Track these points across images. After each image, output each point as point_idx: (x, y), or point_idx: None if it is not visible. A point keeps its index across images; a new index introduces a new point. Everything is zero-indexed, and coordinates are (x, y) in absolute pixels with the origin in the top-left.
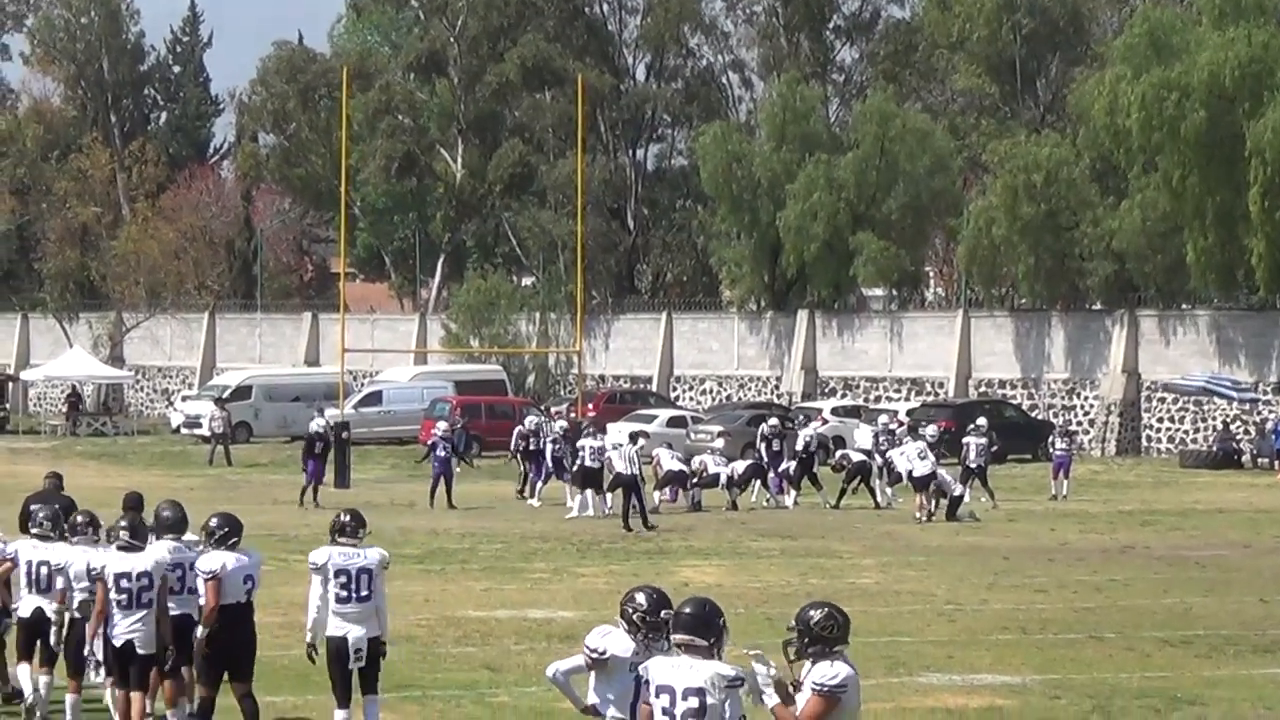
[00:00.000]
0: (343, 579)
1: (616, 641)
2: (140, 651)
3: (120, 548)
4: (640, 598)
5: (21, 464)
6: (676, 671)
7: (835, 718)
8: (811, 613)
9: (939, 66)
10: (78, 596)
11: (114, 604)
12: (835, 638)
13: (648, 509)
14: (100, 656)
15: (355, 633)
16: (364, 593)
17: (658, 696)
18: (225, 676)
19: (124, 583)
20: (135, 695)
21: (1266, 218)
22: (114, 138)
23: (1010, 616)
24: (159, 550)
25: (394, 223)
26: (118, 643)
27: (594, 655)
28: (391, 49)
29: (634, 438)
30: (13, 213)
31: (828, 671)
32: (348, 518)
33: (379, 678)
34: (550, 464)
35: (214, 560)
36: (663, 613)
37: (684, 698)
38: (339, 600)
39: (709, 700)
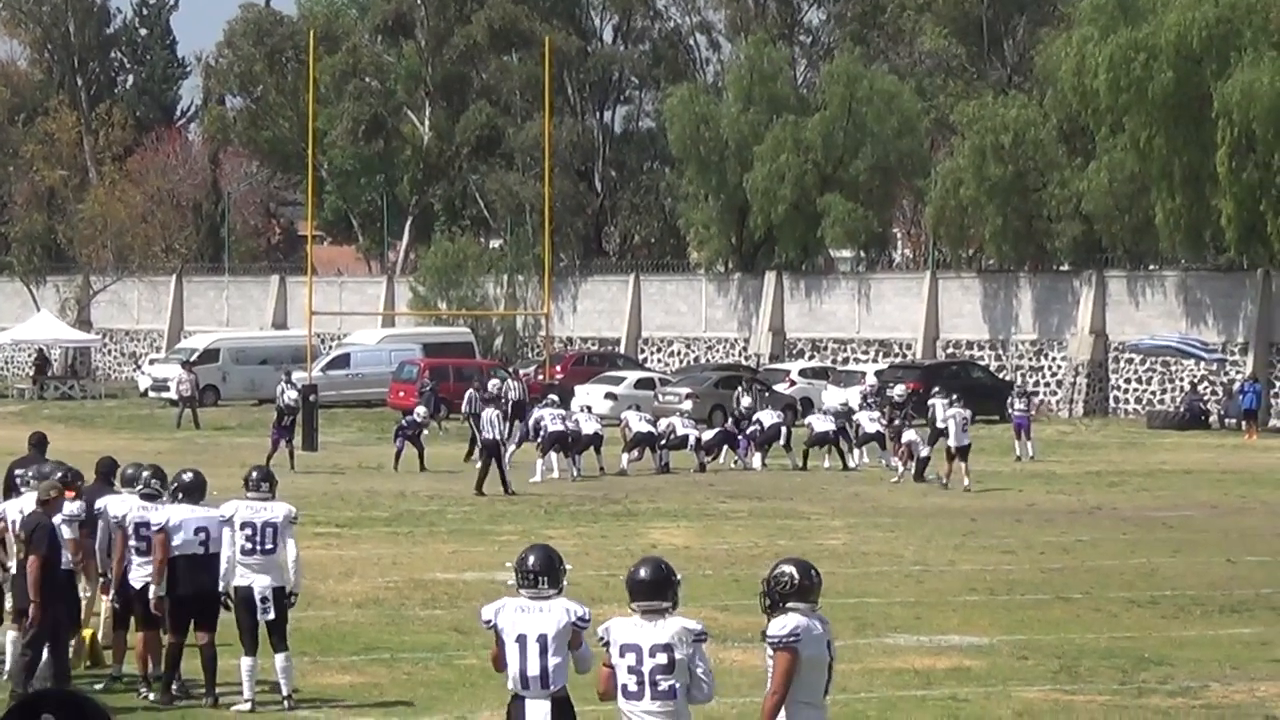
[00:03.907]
0: (248, 531)
1: None
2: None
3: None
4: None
5: None
6: (641, 630)
7: (801, 669)
8: (772, 569)
9: (906, 28)
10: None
11: (240, 549)
12: (786, 594)
13: (507, 475)
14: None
15: (261, 582)
16: (269, 545)
17: (622, 655)
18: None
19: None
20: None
21: (1234, 178)
22: (80, 101)
23: (978, 578)
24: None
25: (361, 185)
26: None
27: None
28: (358, 11)
29: (498, 403)
30: None
31: (775, 626)
32: (255, 473)
33: (287, 632)
34: (529, 428)
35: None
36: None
37: (651, 654)
38: (244, 552)
39: (677, 655)
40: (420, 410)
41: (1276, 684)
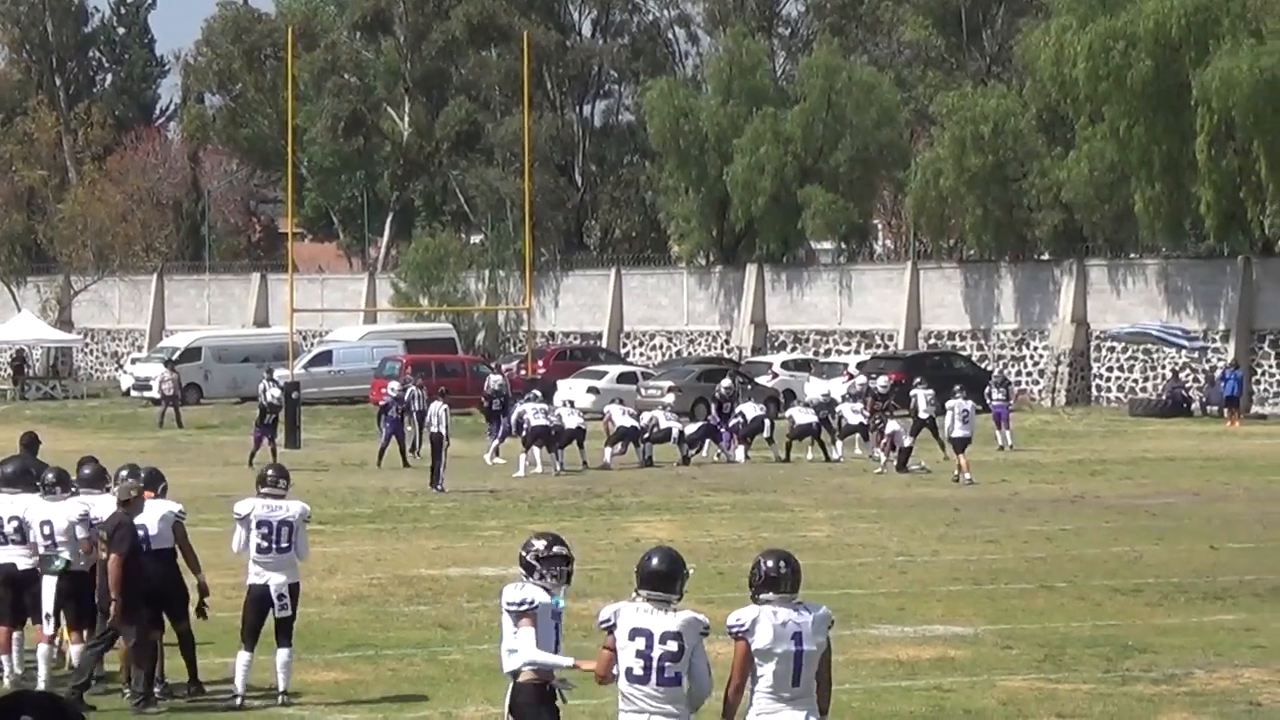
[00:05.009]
0: (264, 529)
1: (533, 591)
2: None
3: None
4: (538, 544)
5: None
6: (652, 617)
7: (758, 659)
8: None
9: (885, 19)
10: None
11: (255, 548)
12: (758, 585)
13: (443, 467)
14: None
15: (276, 580)
16: (284, 544)
17: (631, 639)
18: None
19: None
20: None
21: (1213, 166)
22: (59, 101)
23: (962, 567)
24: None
25: (342, 182)
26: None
27: (525, 608)
28: (337, 8)
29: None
30: None
31: (730, 616)
32: (271, 471)
33: (293, 630)
34: (512, 424)
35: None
36: (555, 549)
37: (662, 641)
38: (259, 550)
39: (686, 645)
40: (394, 385)
41: (1260, 670)
